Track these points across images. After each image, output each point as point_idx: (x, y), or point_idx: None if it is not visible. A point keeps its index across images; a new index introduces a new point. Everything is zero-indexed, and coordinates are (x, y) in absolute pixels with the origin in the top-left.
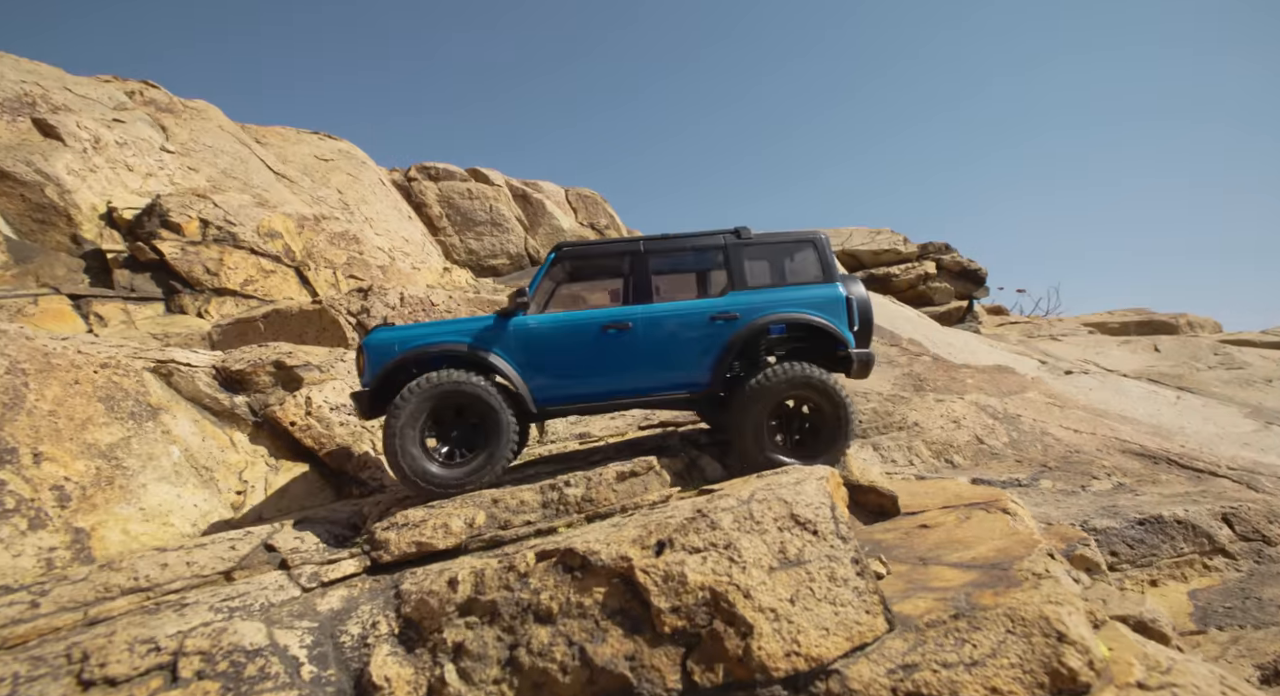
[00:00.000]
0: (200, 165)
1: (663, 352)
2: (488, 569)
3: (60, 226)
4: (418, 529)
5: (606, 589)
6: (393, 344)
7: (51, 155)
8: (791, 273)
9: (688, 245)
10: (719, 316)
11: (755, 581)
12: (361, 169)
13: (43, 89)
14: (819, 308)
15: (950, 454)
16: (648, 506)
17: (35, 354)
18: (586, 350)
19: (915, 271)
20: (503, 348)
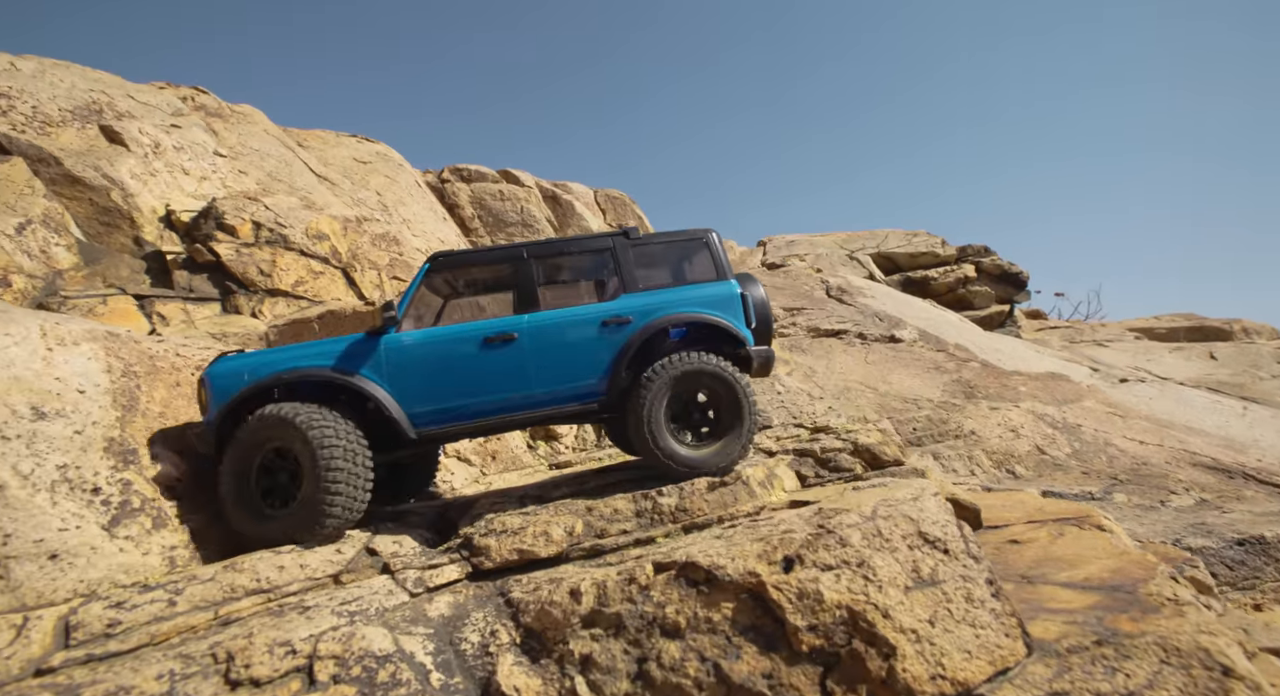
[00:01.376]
0: (249, 169)
1: (553, 363)
2: (609, 580)
3: (124, 229)
4: (517, 536)
5: (735, 604)
6: (241, 373)
7: (116, 160)
8: (685, 272)
9: (574, 249)
10: (611, 321)
11: (893, 601)
12: (398, 171)
13: (108, 97)
14: (714, 306)
15: (1011, 464)
16: (745, 517)
17: (143, 357)
18: (468, 365)
19: (954, 275)
20: (372, 369)
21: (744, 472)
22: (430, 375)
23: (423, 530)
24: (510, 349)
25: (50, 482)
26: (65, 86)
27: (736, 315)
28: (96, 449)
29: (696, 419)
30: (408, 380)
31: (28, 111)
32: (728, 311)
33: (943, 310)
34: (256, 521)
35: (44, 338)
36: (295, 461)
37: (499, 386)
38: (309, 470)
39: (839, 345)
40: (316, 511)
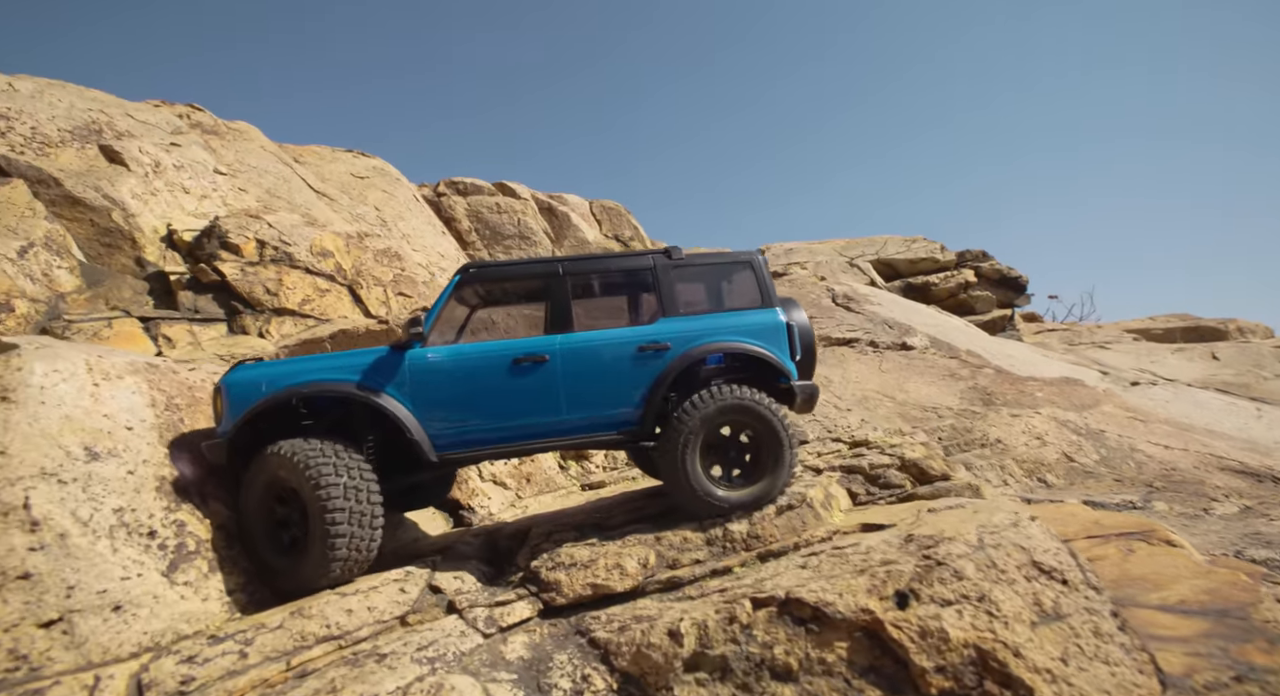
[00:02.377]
0: (248, 186)
1: (585, 388)
2: (709, 619)
3: (125, 250)
4: (589, 570)
5: (850, 643)
6: (259, 383)
7: (117, 180)
8: (727, 297)
9: (612, 267)
10: (648, 347)
11: (1022, 638)
12: (396, 185)
13: (108, 116)
14: (757, 335)
15: (1042, 472)
16: (820, 543)
17: (182, 388)
18: (496, 387)
19: (955, 280)
20: (395, 386)
21: (807, 494)
22: (455, 395)
23: (476, 561)
24: (541, 371)
25: (109, 528)
26: (64, 106)
27: (781, 346)
28: (149, 489)
29: (732, 456)
30: (431, 399)
31: (26, 132)
32: (772, 341)
33: (948, 316)
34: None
35: (90, 372)
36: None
37: (527, 410)
38: (311, 511)
39: (851, 354)
40: (322, 556)
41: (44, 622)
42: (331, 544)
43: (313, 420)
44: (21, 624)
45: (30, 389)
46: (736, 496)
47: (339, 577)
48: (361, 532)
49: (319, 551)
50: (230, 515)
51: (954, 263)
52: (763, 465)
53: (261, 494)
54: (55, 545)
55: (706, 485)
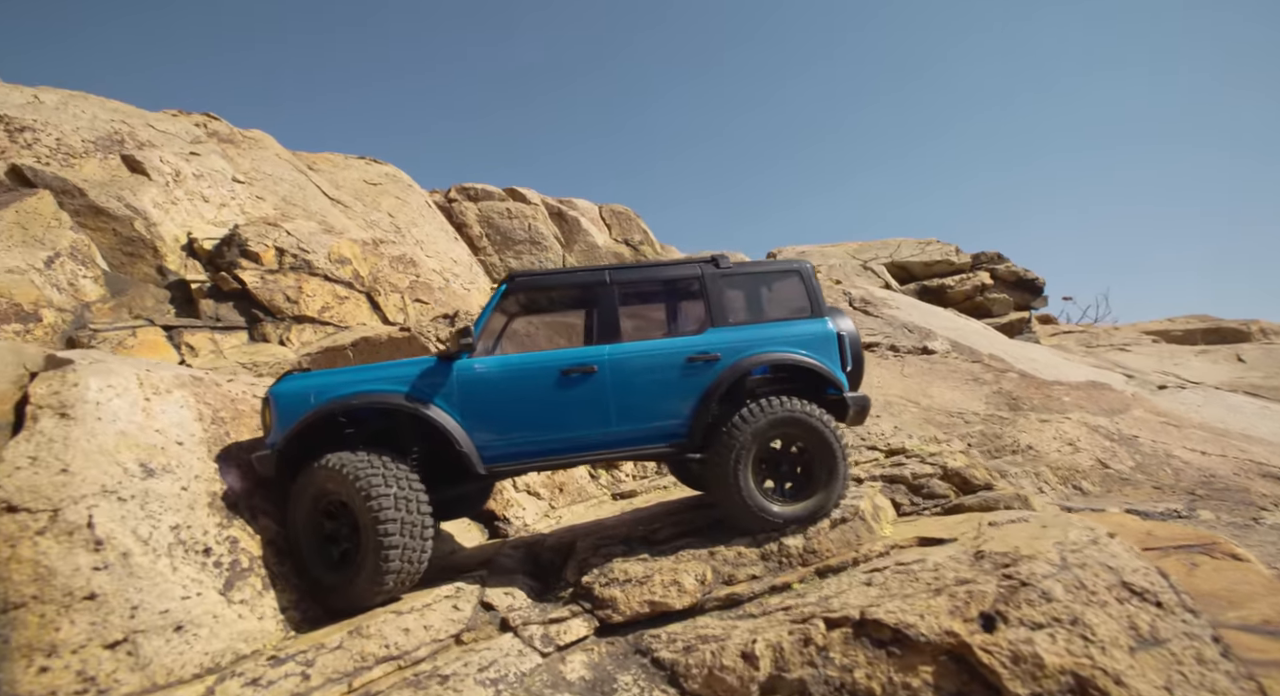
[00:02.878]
0: (265, 194)
1: (634, 400)
2: (783, 641)
3: (147, 258)
4: (644, 586)
5: (935, 668)
6: (307, 394)
7: (139, 190)
8: (775, 306)
9: (660, 276)
10: (698, 357)
11: (1122, 665)
12: (408, 192)
13: (129, 127)
14: (808, 346)
15: (1077, 479)
16: (878, 557)
17: (225, 400)
18: (544, 398)
19: (970, 282)
20: (444, 397)
21: (859, 506)
22: (504, 407)
23: (522, 576)
24: (590, 382)
25: (168, 546)
26: (87, 117)
27: (832, 357)
28: (202, 505)
29: (784, 470)
30: (480, 411)
31: (52, 144)
32: (823, 352)
33: (967, 319)
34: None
35: (141, 387)
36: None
37: (576, 422)
38: (363, 524)
39: (872, 358)
40: (375, 569)
41: (109, 643)
42: (385, 556)
43: (354, 430)
44: (89, 645)
45: (87, 405)
46: (790, 511)
47: (392, 590)
48: (414, 544)
49: (372, 564)
50: (279, 531)
51: (969, 265)
52: (816, 479)
53: (310, 508)
54: (119, 564)
55: (760, 499)
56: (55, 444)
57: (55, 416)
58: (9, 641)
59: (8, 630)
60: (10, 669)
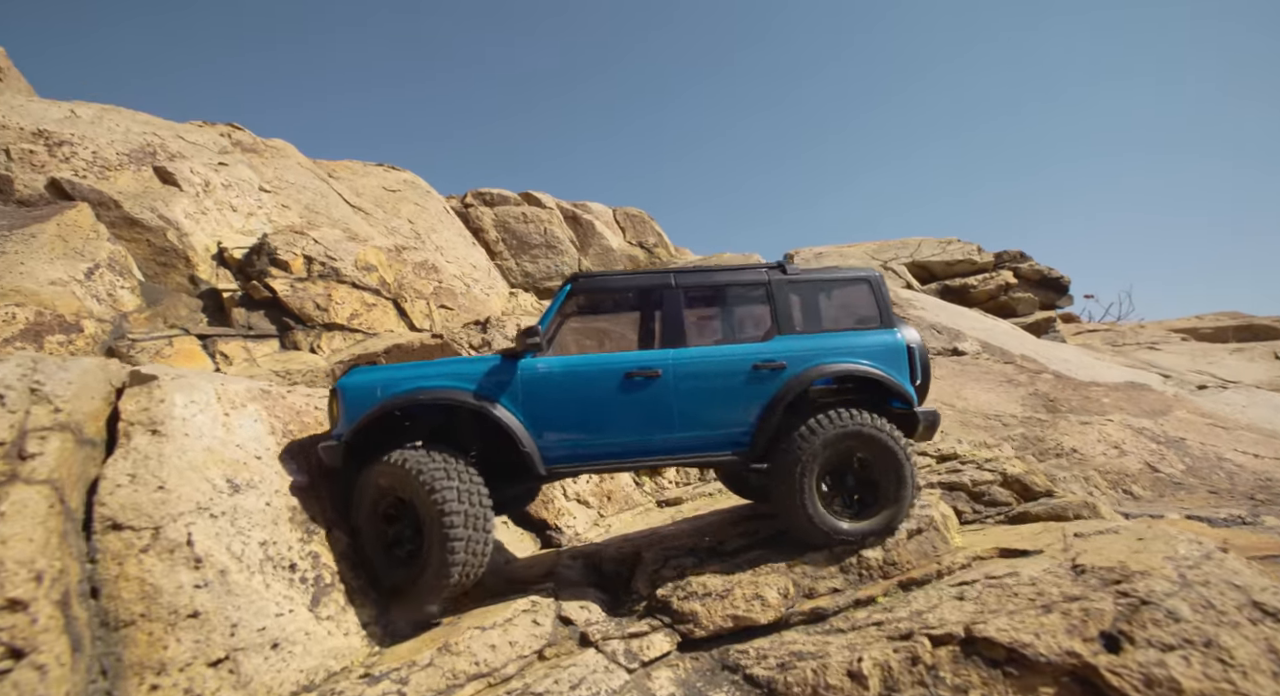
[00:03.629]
0: (290, 203)
1: (697, 406)
2: (891, 660)
3: (179, 268)
4: (725, 600)
5: (1056, 690)
6: (374, 388)
7: (171, 201)
8: (843, 315)
9: (725, 280)
10: (763, 365)
11: (1267, 691)
12: (427, 198)
13: (160, 139)
14: (877, 357)
15: (1127, 483)
16: (963, 570)
17: (291, 412)
18: (607, 400)
19: (994, 282)
20: (509, 396)
21: (932, 516)
22: (567, 407)
23: (588, 588)
24: (653, 386)
25: (258, 562)
26: (121, 130)
27: (900, 368)
28: (285, 521)
29: (851, 484)
30: (543, 411)
31: (88, 157)
32: (892, 364)
33: (995, 320)
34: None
35: (220, 401)
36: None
37: (639, 426)
38: (427, 517)
39: None
40: (441, 562)
41: (212, 662)
42: (450, 548)
43: (410, 425)
44: (194, 663)
45: (175, 421)
46: (856, 528)
47: (458, 584)
48: (477, 536)
49: (438, 558)
50: (350, 543)
51: (992, 264)
52: (885, 495)
53: (370, 509)
54: (217, 582)
55: (824, 514)
56: (150, 461)
57: (147, 433)
58: (122, 659)
59: (120, 648)
60: (124, 687)
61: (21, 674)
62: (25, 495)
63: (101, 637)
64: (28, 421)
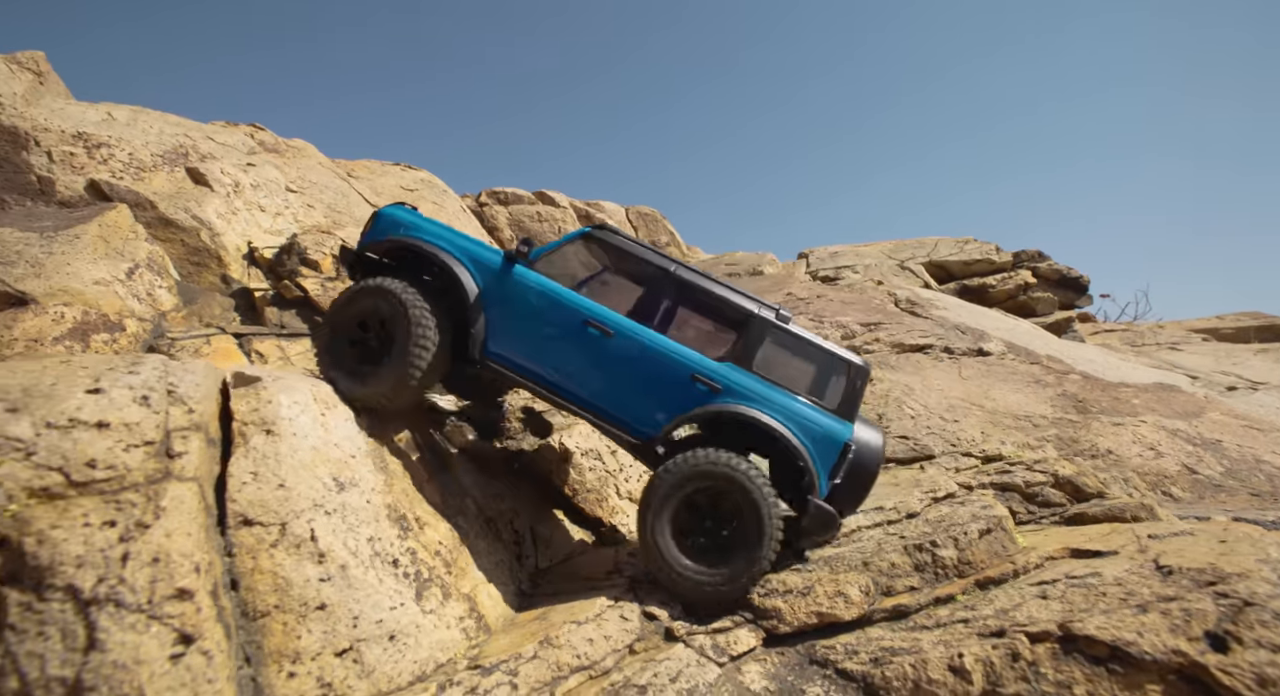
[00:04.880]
0: (314, 202)
1: (628, 380)
2: (992, 656)
3: (212, 268)
4: (807, 597)
5: (1164, 687)
6: (399, 225)
7: (203, 201)
8: (807, 384)
9: (716, 292)
10: (701, 379)
11: None
12: (444, 197)
13: (191, 140)
14: (808, 435)
15: (1166, 485)
16: (1037, 570)
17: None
18: (559, 333)
19: (1013, 281)
20: (488, 286)
21: (999, 516)
22: (524, 320)
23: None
24: (601, 342)
25: (369, 558)
26: (155, 132)
27: (826, 458)
28: (384, 518)
29: (709, 526)
30: (505, 310)
31: (125, 159)
32: (819, 450)
33: (1017, 320)
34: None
35: (316, 402)
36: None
37: (575, 370)
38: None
39: (927, 361)
40: (402, 362)
41: (339, 651)
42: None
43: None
44: (323, 653)
45: (283, 421)
46: (702, 570)
47: (414, 382)
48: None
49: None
50: (441, 542)
51: (1010, 264)
52: (742, 540)
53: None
54: (338, 576)
55: (671, 548)
56: (269, 459)
57: (262, 433)
58: (261, 647)
59: (259, 637)
60: (266, 673)
61: (192, 658)
62: (180, 492)
63: (243, 627)
64: (169, 421)
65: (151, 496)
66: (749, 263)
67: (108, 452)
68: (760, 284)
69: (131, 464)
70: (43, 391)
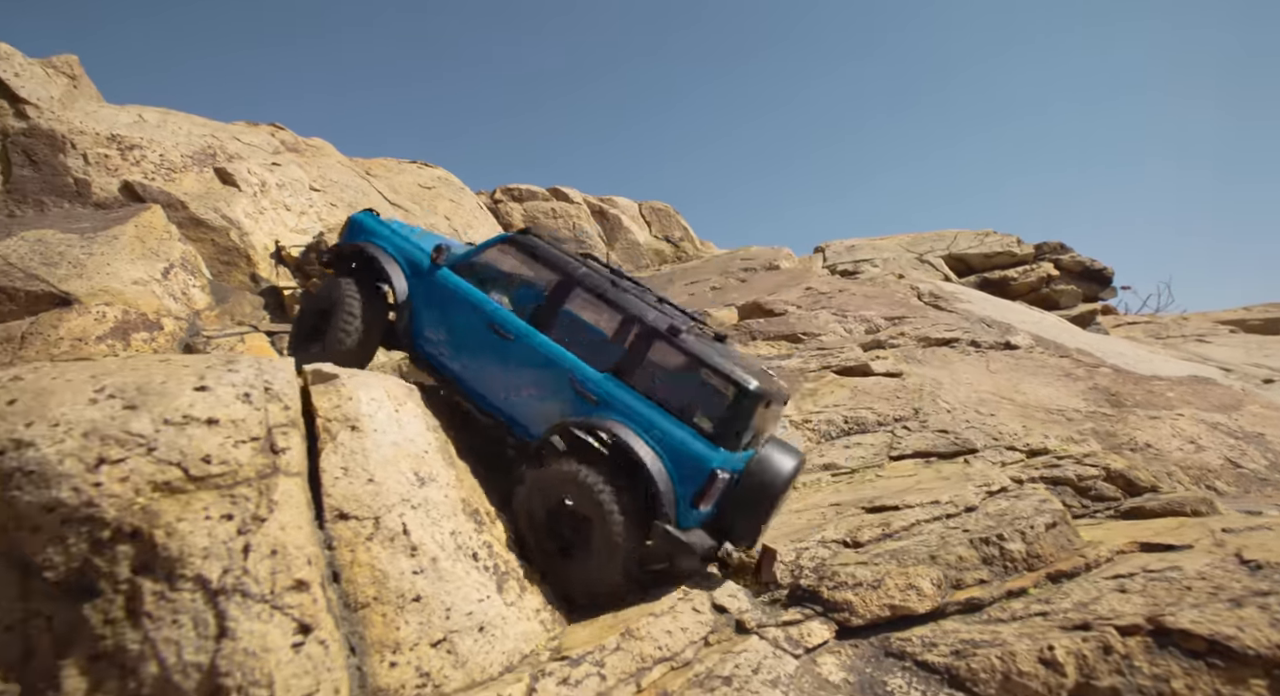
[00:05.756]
0: (336, 201)
1: (520, 383)
2: (1083, 648)
3: (241, 266)
4: (878, 590)
5: (1269, 682)
6: (359, 231)
7: (232, 201)
8: (687, 405)
9: (615, 301)
10: (581, 389)
11: None
12: (461, 194)
13: (219, 140)
14: (673, 457)
15: (1210, 479)
16: (1108, 564)
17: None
18: (470, 335)
19: (1035, 274)
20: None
21: (1061, 509)
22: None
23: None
24: (503, 346)
25: (454, 551)
26: (184, 133)
27: (689, 484)
28: (460, 512)
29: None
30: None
31: (156, 160)
32: (685, 474)
33: (1042, 313)
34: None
35: (390, 398)
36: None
37: (482, 371)
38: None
39: (954, 354)
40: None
41: (434, 642)
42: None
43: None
44: (420, 643)
45: (364, 418)
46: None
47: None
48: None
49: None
50: (512, 535)
51: (1032, 256)
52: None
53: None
54: (430, 569)
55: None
56: (357, 455)
57: (348, 429)
58: (364, 638)
59: (362, 628)
60: (369, 663)
61: (311, 647)
62: (289, 487)
63: (345, 618)
64: (269, 418)
65: (263, 491)
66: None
67: (220, 448)
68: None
69: (242, 459)
70: (155, 389)
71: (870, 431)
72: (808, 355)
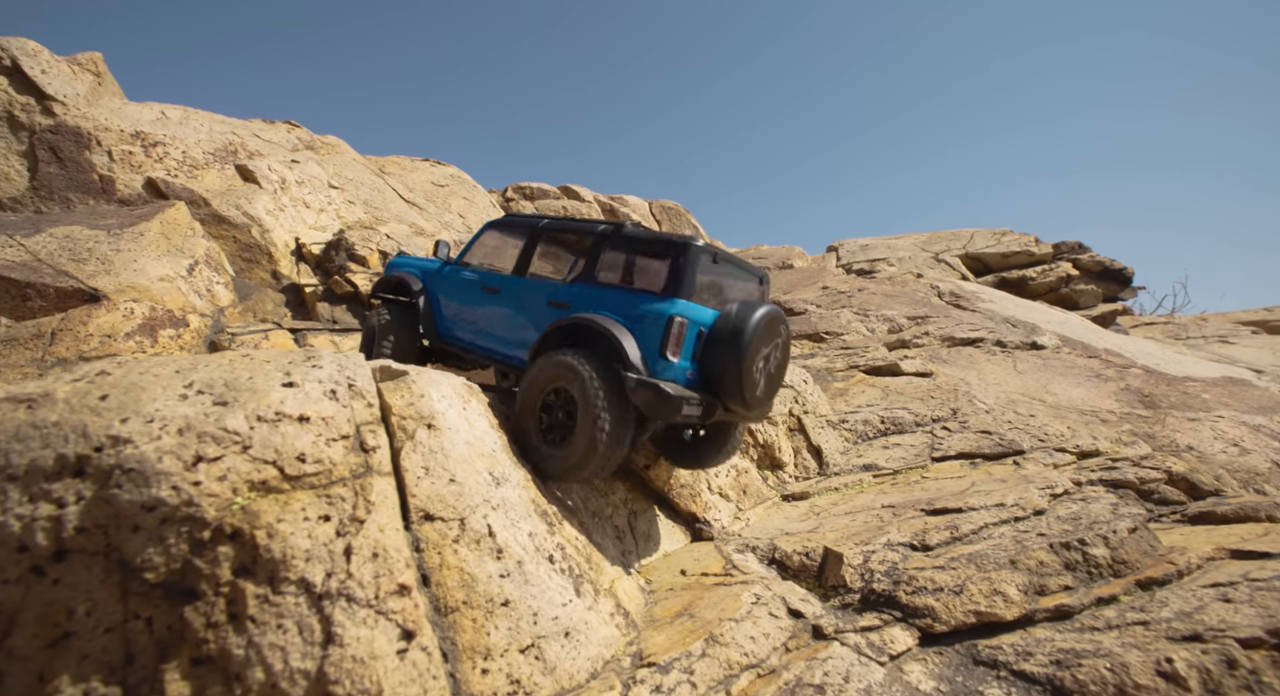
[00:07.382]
0: (354, 199)
1: (512, 322)
2: (1206, 662)
3: (263, 263)
4: (962, 595)
5: None
6: (390, 268)
7: (253, 198)
8: (643, 277)
9: (574, 229)
10: (555, 302)
11: None
12: (474, 192)
13: (239, 138)
14: (633, 319)
15: (1258, 483)
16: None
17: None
18: (473, 303)
19: (1054, 274)
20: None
21: (1140, 513)
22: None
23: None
24: (495, 299)
25: (534, 553)
26: (205, 130)
27: (650, 335)
28: (534, 513)
29: (559, 417)
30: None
31: (179, 157)
32: (642, 329)
33: (1065, 313)
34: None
35: (457, 396)
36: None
37: (486, 328)
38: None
39: (980, 354)
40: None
41: (523, 648)
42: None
43: None
44: (509, 649)
45: (439, 415)
46: (553, 453)
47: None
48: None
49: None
50: (578, 537)
51: (1050, 255)
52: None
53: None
54: (516, 572)
55: (535, 442)
56: (437, 454)
57: (424, 427)
58: (456, 643)
59: (453, 633)
60: (462, 669)
61: (414, 654)
62: (382, 486)
63: (436, 623)
64: (355, 416)
65: (358, 491)
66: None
67: (313, 446)
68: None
69: (335, 458)
70: (244, 385)
71: (908, 432)
72: (832, 354)
